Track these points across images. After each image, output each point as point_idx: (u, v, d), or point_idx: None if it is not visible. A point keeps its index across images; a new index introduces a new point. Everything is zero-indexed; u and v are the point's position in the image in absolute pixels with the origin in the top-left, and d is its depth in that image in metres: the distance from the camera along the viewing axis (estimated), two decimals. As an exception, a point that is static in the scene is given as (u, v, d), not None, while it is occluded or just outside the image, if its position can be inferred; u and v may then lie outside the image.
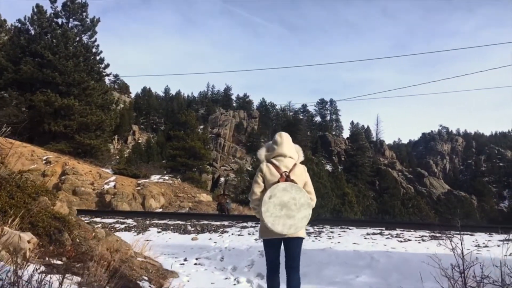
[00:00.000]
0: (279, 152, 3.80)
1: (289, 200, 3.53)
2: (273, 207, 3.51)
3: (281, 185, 3.57)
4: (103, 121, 28.46)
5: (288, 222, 3.51)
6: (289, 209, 3.52)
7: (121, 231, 9.59)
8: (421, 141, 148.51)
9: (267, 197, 3.54)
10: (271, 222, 3.51)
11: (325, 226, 9.58)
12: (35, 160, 23.56)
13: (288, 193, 3.55)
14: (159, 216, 12.21)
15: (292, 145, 3.93)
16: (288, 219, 3.51)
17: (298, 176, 3.72)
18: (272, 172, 3.69)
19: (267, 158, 3.85)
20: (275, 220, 3.51)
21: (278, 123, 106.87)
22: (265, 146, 4.05)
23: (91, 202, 20.87)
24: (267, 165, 3.75)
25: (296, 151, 3.93)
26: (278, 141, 3.87)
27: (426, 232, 8.75)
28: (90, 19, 29.90)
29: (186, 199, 21.35)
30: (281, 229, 3.51)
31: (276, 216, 3.51)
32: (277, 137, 3.94)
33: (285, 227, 3.51)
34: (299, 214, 3.54)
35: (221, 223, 10.10)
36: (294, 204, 3.53)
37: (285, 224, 3.51)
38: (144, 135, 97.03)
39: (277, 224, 3.51)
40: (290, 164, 3.75)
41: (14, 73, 27.75)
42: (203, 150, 43.23)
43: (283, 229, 3.51)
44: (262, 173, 3.72)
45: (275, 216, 3.51)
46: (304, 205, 3.56)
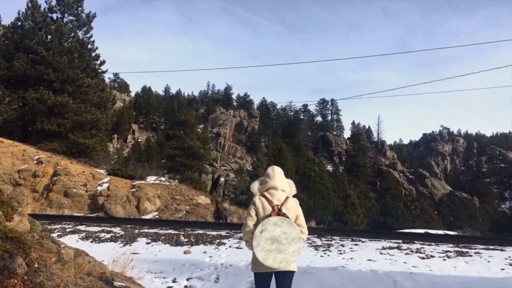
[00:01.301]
0: (272, 185, 3.82)
1: (280, 234, 3.53)
2: (264, 241, 3.53)
3: (272, 220, 3.58)
4: (99, 119, 27.45)
5: (279, 256, 3.52)
6: (280, 243, 3.52)
7: (106, 241, 8.61)
8: (422, 142, 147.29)
9: (258, 232, 3.56)
10: (262, 257, 3.52)
11: (334, 237, 8.59)
12: (26, 160, 22.58)
13: (279, 227, 3.55)
14: (150, 224, 11.20)
15: (284, 178, 3.95)
16: (279, 253, 3.52)
17: (289, 210, 3.71)
18: (264, 206, 3.71)
19: (260, 191, 3.87)
20: (266, 254, 3.52)
21: (279, 122, 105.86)
22: (258, 179, 4.06)
23: (83, 205, 19.89)
24: (260, 198, 3.77)
25: (288, 184, 3.94)
26: (271, 175, 3.89)
27: (449, 246, 7.77)
28: (85, 14, 28.90)
29: (183, 201, 20.36)
30: (272, 263, 3.52)
31: (267, 250, 3.52)
32: (270, 171, 3.95)
33: (276, 261, 3.52)
34: (290, 248, 3.53)
35: (218, 233, 9.12)
36: (285, 239, 3.53)
37: (275, 258, 3.52)
38: (144, 134, 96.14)
39: (268, 258, 3.52)
40: (282, 197, 3.77)
41: (6, 69, 26.77)
42: (202, 150, 42.23)
43: (274, 263, 3.52)
44: (255, 206, 3.74)
45: (266, 250, 3.52)
46: (295, 239, 3.54)
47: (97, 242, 8.73)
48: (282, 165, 49.56)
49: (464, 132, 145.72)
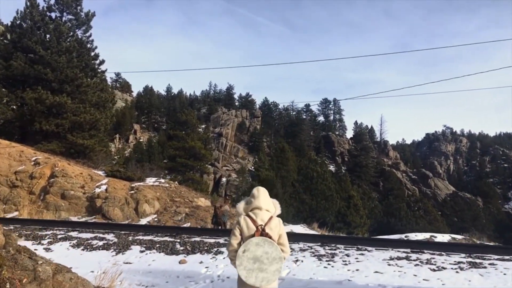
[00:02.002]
0: (256, 205, 3.92)
1: (262, 254, 3.67)
2: (247, 261, 3.67)
3: (254, 240, 3.70)
4: (98, 120, 27.02)
5: (260, 275, 3.66)
6: (262, 263, 3.66)
7: (98, 249, 8.17)
8: (425, 142, 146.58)
9: (241, 251, 3.69)
10: (245, 275, 3.66)
11: (338, 246, 8.13)
12: (24, 161, 22.17)
13: (261, 247, 3.68)
14: (145, 230, 10.74)
15: (268, 199, 4.05)
16: (260, 272, 3.66)
17: (273, 229, 3.82)
18: (248, 225, 3.82)
19: (245, 211, 3.97)
20: (248, 273, 3.66)
21: (281, 122, 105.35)
22: (244, 200, 4.14)
23: (80, 207, 19.46)
24: (245, 218, 3.88)
25: (273, 204, 4.04)
26: (255, 195, 4.00)
27: (461, 256, 7.30)
28: (84, 13, 28.48)
29: (183, 204, 19.91)
30: (254, 282, 3.65)
31: (249, 270, 3.66)
32: (255, 191, 4.05)
33: (257, 279, 3.65)
34: (271, 267, 3.67)
35: (216, 241, 8.66)
36: (266, 258, 3.66)
37: (257, 277, 3.65)
38: (146, 134, 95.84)
39: (250, 277, 3.65)
40: (266, 217, 3.87)
41: (5, 69, 26.39)
42: (203, 150, 41.74)
43: (256, 281, 3.65)
44: (240, 226, 3.86)
45: (248, 269, 3.66)
46: (276, 259, 3.67)
47: (89, 250, 8.29)
48: (284, 165, 49.17)
49: (467, 132, 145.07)
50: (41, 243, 8.94)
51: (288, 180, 45.41)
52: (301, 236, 9.45)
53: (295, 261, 7.08)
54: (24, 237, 9.45)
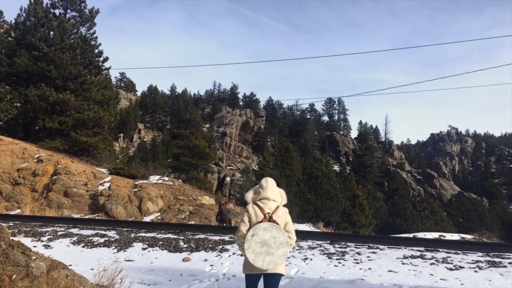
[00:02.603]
0: (264, 195, 4.12)
1: (270, 238, 3.83)
2: (255, 245, 3.82)
3: (262, 225, 3.87)
4: (101, 117, 26.78)
5: (267, 259, 3.81)
6: (269, 247, 3.81)
7: (99, 246, 7.89)
8: (430, 142, 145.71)
9: (249, 235, 3.84)
10: (253, 258, 3.80)
11: (348, 244, 7.81)
12: (27, 158, 21.96)
13: (269, 232, 3.84)
14: (148, 227, 10.44)
15: (276, 189, 4.24)
16: (268, 255, 3.81)
17: (280, 217, 4.00)
18: (257, 213, 4.00)
19: (253, 200, 4.16)
20: (256, 256, 3.80)
21: (285, 122, 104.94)
22: (252, 189, 4.34)
23: (83, 205, 19.22)
24: (253, 207, 4.06)
25: (280, 194, 4.24)
26: (264, 186, 4.20)
27: (478, 254, 6.96)
28: (88, 10, 28.25)
29: (187, 202, 19.62)
30: (261, 265, 3.79)
31: (257, 253, 3.81)
32: (263, 182, 4.24)
33: (264, 262, 3.80)
34: (278, 251, 3.82)
35: (221, 238, 8.36)
36: (274, 243, 3.82)
37: (264, 260, 3.80)
38: (150, 133, 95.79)
39: (257, 260, 3.80)
40: (273, 206, 4.05)
41: (8, 66, 26.19)
42: (207, 149, 41.45)
43: (263, 264, 3.80)
44: (248, 213, 4.03)
45: (256, 253, 3.81)
46: (283, 244, 3.84)
47: (89, 247, 8.01)
48: (289, 164, 48.88)
49: (472, 132, 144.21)
50: (41, 240, 8.67)
51: (292, 180, 45.11)
52: (309, 234, 9.13)
53: (304, 259, 6.78)
54: (24, 233, 9.19)
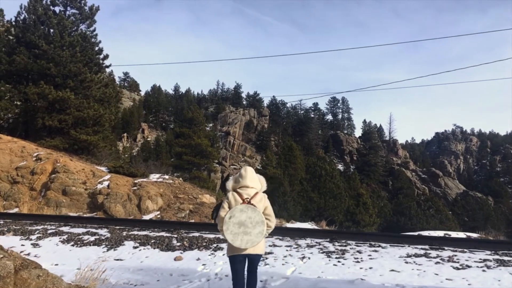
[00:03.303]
0: (243, 183, 4.37)
1: (246, 219, 4.07)
2: (232, 226, 4.06)
3: (238, 207, 4.14)
4: (102, 115, 26.50)
5: (245, 238, 4.05)
6: (246, 227, 4.06)
7: (89, 245, 7.57)
8: (435, 141, 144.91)
9: (227, 218, 4.09)
10: (231, 238, 4.06)
11: (348, 242, 7.45)
12: (25, 157, 21.70)
13: (245, 213, 4.10)
14: (142, 225, 10.10)
15: (255, 177, 4.51)
16: (245, 235, 4.05)
17: (258, 202, 4.25)
18: (236, 199, 4.25)
19: (233, 188, 4.43)
20: (235, 236, 4.06)
21: (289, 121, 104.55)
22: (232, 178, 4.62)
23: (82, 203, 18.92)
24: (233, 193, 4.33)
25: (259, 181, 4.53)
26: (243, 175, 4.44)
27: (486, 253, 6.59)
28: (88, 7, 28.00)
29: (187, 200, 19.29)
30: (239, 244, 4.05)
31: (235, 233, 4.06)
32: (242, 171, 4.50)
33: (243, 242, 4.05)
34: (255, 230, 4.06)
35: (216, 236, 8.02)
36: (250, 223, 4.06)
37: (242, 240, 4.05)
38: (154, 133, 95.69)
39: (236, 240, 4.05)
40: (252, 193, 4.31)
41: (8, 64, 25.97)
42: (209, 148, 41.16)
43: (241, 243, 4.05)
44: (228, 200, 4.29)
45: (234, 233, 4.06)
46: (259, 223, 4.08)
47: (79, 246, 7.69)
48: (292, 163, 48.53)
49: (477, 131, 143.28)
50: (30, 238, 8.36)
51: (296, 178, 44.75)
52: (308, 232, 8.77)
53: (301, 258, 6.43)
54: (13, 232, 8.87)
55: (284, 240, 7.83)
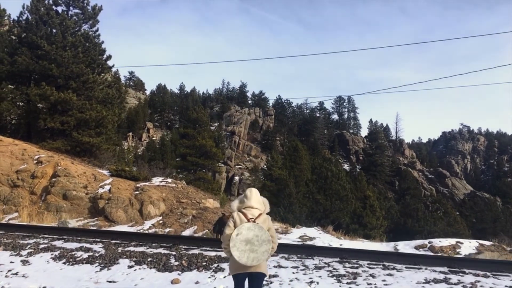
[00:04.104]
0: (248, 204, 4.53)
1: (253, 237, 4.19)
2: (239, 243, 4.17)
3: (246, 225, 4.26)
4: (104, 117, 26.04)
5: (251, 255, 4.15)
6: (253, 245, 4.17)
7: (81, 263, 7.09)
8: (441, 140, 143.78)
9: (234, 235, 4.20)
10: (238, 255, 4.14)
11: (360, 263, 6.90)
12: (26, 160, 21.31)
13: (252, 231, 4.22)
14: (140, 239, 9.58)
15: (259, 198, 4.64)
16: (251, 252, 4.16)
17: (262, 223, 4.37)
18: (241, 219, 4.38)
19: (238, 208, 4.57)
20: (241, 253, 4.15)
21: (294, 121, 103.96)
22: (238, 199, 4.73)
23: (83, 208, 18.50)
24: (238, 214, 4.45)
25: (263, 203, 4.66)
26: (248, 196, 4.62)
27: (510, 278, 6.01)
28: (91, 7, 27.56)
29: (190, 205, 18.81)
30: (246, 261, 4.15)
31: (242, 250, 4.16)
32: (247, 192, 4.69)
33: (249, 259, 4.15)
34: (261, 248, 4.17)
35: (217, 254, 7.50)
36: (257, 240, 4.18)
37: (249, 257, 4.15)
38: (159, 132, 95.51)
39: (242, 256, 4.15)
40: (256, 213, 4.45)
41: (10, 65, 25.61)
42: (214, 148, 40.67)
43: (247, 261, 4.15)
44: (234, 219, 4.40)
45: (241, 250, 4.16)
46: (265, 241, 4.20)
47: (71, 264, 7.21)
48: (298, 164, 47.91)
49: (484, 130, 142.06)
50: (20, 254, 7.88)
51: (301, 179, 44.15)
52: (316, 250, 8.22)
53: (310, 282, 5.90)
54: (3, 246, 8.41)
55: (290, 259, 7.30)
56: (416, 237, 39.43)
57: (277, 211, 30.70)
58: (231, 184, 74.69)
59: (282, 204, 32.67)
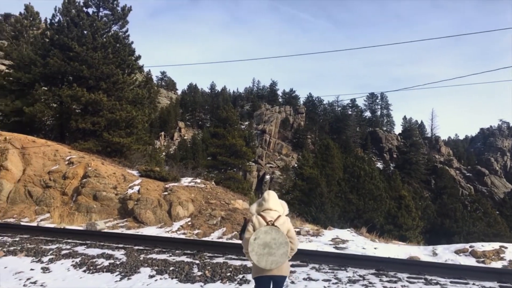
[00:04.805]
0: (266, 207, 4.52)
1: (270, 240, 4.18)
2: (257, 247, 4.18)
3: (263, 229, 4.25)
4: (134, 117, 26.10)
5: (270, 259, 4.16)
6: (271, 248, 4.17)
7: (102, 271, 6.77)
8: (479, 137, 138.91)
9: (252, 239, 4.22)
10: (256, 259, 4.17)
11: (399, 275, 6.29)
12: (58, 161, 21.50)
13: (269, 234, 4.21)
14: (164, 244, 9.20)
15: (277, 201, 4.65)
16: (270, 256, 4.16)
17: (281, 225, 4.35)
18: (260, 222, 4.38)
19: (257, 211, 4.57)
20: (260, 257, 4.17)
21: (326, 118, 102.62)
22: (256, 202, 4.77)
23: (112, 209, 18.46)
24: (257, 217, 4.47)
25: (281, 205, 4.64)
26: (266, 198, 4.61)
27: None
28: (121, 8, 27.67)
29: (219, 206, 18.46)
30: (265, 265, 4.16)
31: (260, 254, 4.17)
32: (266, 195, 4.69)
33: (267, 263, 4.16)
34: (279, 251, 4.17)
35: (242, 263, 7.05)
36: (274, 244, 4.17)
37: (267, 261, 4.16)
38: (190, 131, 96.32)
39: (261, 260, 4.17)
40: (275, 215, 4.44)
41: (42, 67, 26.03)
42: (244, 147, 40.32)
43: (266, 264, 4.16)
44: (253, 223, 4.44)
45: (259, 254, 4.17)
46: (283, 244, 4.19)
47: (91, 272, 6.92)
48: (329, 162, 47.06)
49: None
50: (41, 261, 7.66)
51: (333, 179, 43.33)
52: (349, 259, 7.60)
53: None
54: (25, 252, 8.25)
55: (320, 270, 6.76)
56: (454, 238, 38.07)
57: (309, 210, 30.08)
58: (262, 183, 74.42)
59: (313, 204, 32.01)
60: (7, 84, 28.16)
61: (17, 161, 21.13)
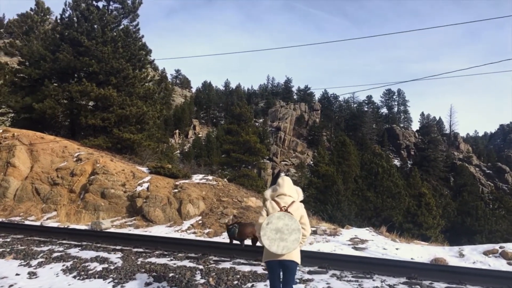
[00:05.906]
0: (281, 192, 4.57)
1: (283, 226, 4.25)
2: (270, 232, 4.26)
3: (276, 214, 4.33)
4: (145, 113, 25.42)
5: (281, 244, 4.21)
6: (283, 233, 4.23)
7: (94, 277, 5.98)
8: (499, 133, 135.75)
9: (265, 224, 4.31)
10: (268, 244, 4.24)
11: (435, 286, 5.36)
12: (66, 157, 20.91)
13: (282, 220, 4.27)
14: (165, 247, 8.34)
15: (292, 186, 4.69)
16: (281, 241, 4.22)
17: (295, 210, 4.41)
18: (273, 207, 4.46)
19: (271, 196, 4.63)
20: (271, 242, 4.24)
21: (341, 115, 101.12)
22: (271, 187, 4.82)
23: (121, 207, 17.77)
24: (271, 202, 4.54)
25: (296, 191, 4.69)
26: (280, 183, 4.68)
27: None
28: (131, 1, 27.01)
29: (231, 204, 17.64)
30: (276, 249, 4.22)
31: (272, 239, 4.24)
32: (280, 180, 4.78)
33: (279, 248, 4.21)
34: (291, 237, 4.22)
35: (252, 269, 6.17)
36: (287, 229, 4.23)
37: (279, 246, 4.21)
38: (205, 129, 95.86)
39: (272, 245, 4.23)
40: (289, 201, 4.49)
41: (52, 62, 25.52)
42: (258, 144, 39.48)
43: (278, 249, 4.21)
44: (266, 208, 4.53)
45: (271, 239, 4.24)
46: (295, 230, 4.24)
47: (81, 278, 6.13)
48: (346, 159, 45.93)
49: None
50: (29, 264, 6.91)
51: (350, 176, 42.23)
52: (375, 265, 6.63)
53: (370, 314, 4.48)
54: (14, 254, 7.50)
55: (342, 279, 5.84)
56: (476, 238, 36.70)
57: (325, 209, 29.10)
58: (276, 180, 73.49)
59: (329, 202, 31.04)
60: (17, 80, 27.76)
61: (24, 158, 20.61)
